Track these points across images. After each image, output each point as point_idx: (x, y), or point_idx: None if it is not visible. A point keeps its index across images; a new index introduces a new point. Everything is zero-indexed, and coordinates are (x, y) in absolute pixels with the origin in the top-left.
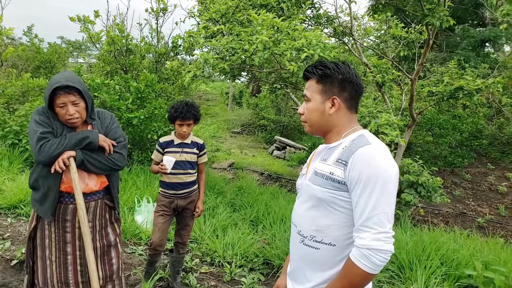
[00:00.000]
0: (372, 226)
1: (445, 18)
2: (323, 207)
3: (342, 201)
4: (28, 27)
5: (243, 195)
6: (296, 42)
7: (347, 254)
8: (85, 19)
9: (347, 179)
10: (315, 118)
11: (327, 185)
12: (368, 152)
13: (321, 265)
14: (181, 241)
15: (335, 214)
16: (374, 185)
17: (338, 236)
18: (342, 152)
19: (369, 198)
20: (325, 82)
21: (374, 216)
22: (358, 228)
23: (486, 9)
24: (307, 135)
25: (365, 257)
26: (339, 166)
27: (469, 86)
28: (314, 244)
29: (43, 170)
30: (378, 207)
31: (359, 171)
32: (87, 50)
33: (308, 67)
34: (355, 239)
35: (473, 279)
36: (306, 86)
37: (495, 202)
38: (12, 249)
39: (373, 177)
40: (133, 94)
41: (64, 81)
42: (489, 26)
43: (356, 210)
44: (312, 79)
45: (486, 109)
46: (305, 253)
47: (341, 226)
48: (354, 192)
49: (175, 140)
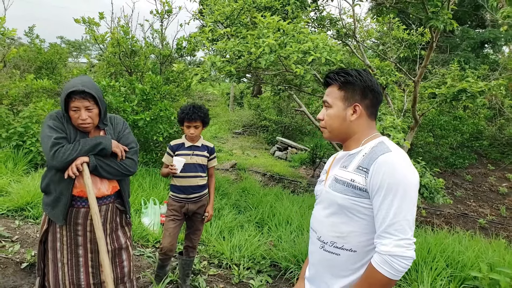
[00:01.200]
0: (394, 233)
1: (449, 21)
2: (344, 214)
3: (363, 208)
4: (29, 27)
5: (247, 196)
6: (303, 45)
7: (367, 260)
8: (90, 21)
9: (368, 186)
10: (336, 125)
11: (348, 192)
12: (389, 159)
13: (342, 271)
14: (191, 245)
15: (356, 221)
16: (396, 192)
17: (359, 243)
18: (363, 159)
19: (390, 205)
20: (347, 89)
21: (396, 223)
22: (380, 235)
23: (487, 11)
24: (308, 136)
25: (387, 263)
26: (360, 173)
27: (472, 88)
28: (334, 250)
29: (56, 175)
30: (400, 214)
31: (380, 178)
32: (86, 50)
33: (329, 74)
34: (376, 245)
35: (479, 281)
36: (327, 92)
37: (496, 203)
38: (22, 252)
39: (394, 184)
40: (138, 96)
41: (80, 86)
42: (489, 28)
43: (377, 217)
44: (333, 85)
45: (486, 111)
46: (326, 258)
47: (362, 232)
48: (375, 199)
49: (186, 143)
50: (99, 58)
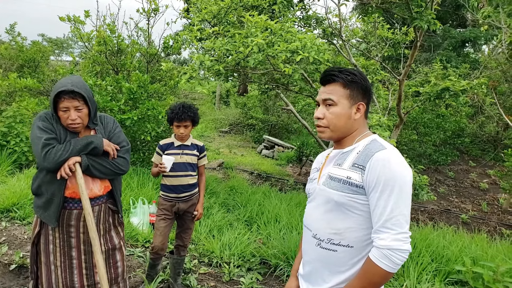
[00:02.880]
0: (392, 227)
1: (433, 21)
2: (340, 211)
3: (359, 204)
4: (11, 25)
5: (235, 195)
6: (291, 45)
7: (364, 255)
8: (75, 19)
9: (364, 182)
10: (341, 123)
11: (344, 189)
12: (385, 156)
13: (339, 267)
14: (182, 244)
15: (352, 217)
16: (392, 188)
17: (356, 238)
18: (357, 156)
19: (387, 201)
20: (352, 88)
21: (393, 218)
22: (378, 230)
23: (467, 11)
24: (295, 134)
25: (386, 257)
26: (356, 170)
27: (455, 87)
28: (331, 247)
29: (47, 176)
30: (396, 209)
31: (377, 175)
32: (69, 48)
33: (332, 72)
34: (374, 240)
35: (463, 275)
36: (328, 90)
37: (477, 199)
38: (10, 254)
39: (391, 180)
40: (125, 95)
41: (70, 85)
42: (470, 27)
43: (375, 212)
44: (336, 83)
45: (468, 109)
46: (323, 255)
47: (359, 228)
48: (372, 195)
49: (175, 142)
50: (84, 56)
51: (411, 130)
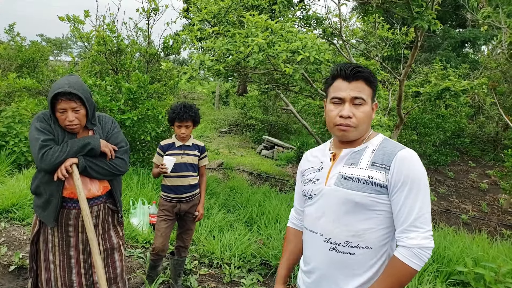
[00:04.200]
0: (421, 226)
1: (433, 21)
2: (360, 212)
3: (381, 204)
4: (10, 25)
5: (235, 195)
6: (291, 45)
7: (381, 255)
8: (74, 19)
9: (389, 182)
10: (367, 123)
11: (366, 189)
12: (409, 155)
13: (356, 270)
14: (183, 245)
15: (373, 217)
16: (419, 186)
17: (375, 239)
18: (374, 155)
19: (415, 200)
20: (373, 87)
21: (421, 216)
22: (407, 229)
23: (467, 11)
24: (294, 134)
25: (416, 255)
26: (377, 169)
27: (456, 87)
28: (349, 250)
29: (45, 177)
30: (424, 207)
31: (404, 174)
32: (68, 48)
33: (358, 67)
34: (402, 239)
35: (464, 276)
36: (356, 88)
37: (477, 199)
38: (9, 255)
39: (417, 179)
40: (125, 95)
41: (67, 87)
42: (469, 27)
43: (401, 212)
44: (361, 81)
45: (468, 109)
46: (338, 260)
47: (378, 229)
48: (398, 194)
49: (176, 142)
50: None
51: (411, 131)
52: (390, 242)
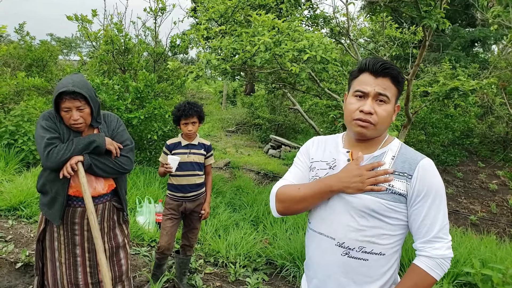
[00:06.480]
0: (444, 236)
1: (441, 20)
2: (377, 218)
3: (398, 212)
4: (20, 24)
5: (241, 194)
6: (298, 44)
7: (393, 262)
8: (82, 18)
9: (409, 191)
10: (387, 123)
11: (385, 197)
12: (430, 165)
13: (367, 277)
14: (189, 243)
15: (389, 224)
16: (441, 197)
17: (388, 245)
18: (395, 163)
19: (438, 210)
20: (399, 87)
21: (444, 227)
22: (431, 240)
23: (477, 10)
24: (302, 134)
25: (439, 266)
26: (398, 178)
27: (464, 87)
28: (362, 256)
29: (51, 175)
30: (445, 218)
31: (428, 185)
32: (77, 47)
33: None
34: (426, 249)
35: (472, 277)
36: (383, 84)
37: (486, 200)
38: (16, 252)
39: (440, 189)
40: (132, 94)
41: (71, 86)
42: (479, 27)
43: (425, 222)
44: (388, 78)
45: (477, 109)
46: (350, 266)
47: (392, 235)
48: (421, 203)
49: (182, 141)
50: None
51: (419, 130)
52: (399, 250)
